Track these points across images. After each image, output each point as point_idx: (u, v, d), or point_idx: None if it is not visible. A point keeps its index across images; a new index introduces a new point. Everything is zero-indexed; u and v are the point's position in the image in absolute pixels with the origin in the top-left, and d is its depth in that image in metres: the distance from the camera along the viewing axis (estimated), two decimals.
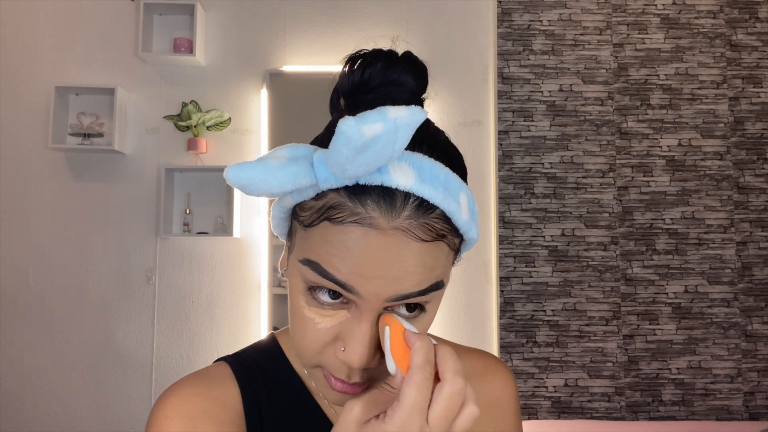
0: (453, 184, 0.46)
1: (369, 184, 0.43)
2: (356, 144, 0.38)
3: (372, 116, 0.38)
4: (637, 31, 2.75)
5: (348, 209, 0.44)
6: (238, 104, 2.68)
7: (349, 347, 0.45)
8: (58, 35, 2.69)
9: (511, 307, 2.64)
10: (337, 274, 0.44)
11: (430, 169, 0.45)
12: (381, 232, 0.43)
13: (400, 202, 0.43)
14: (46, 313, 2.59)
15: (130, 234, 2.62)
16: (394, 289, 0.44)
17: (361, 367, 0.45)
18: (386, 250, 0.43)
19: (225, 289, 2.61)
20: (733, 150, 2.71)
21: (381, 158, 0.40)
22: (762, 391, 2.61)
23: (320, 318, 0.46)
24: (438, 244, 0.46)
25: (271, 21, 2.72)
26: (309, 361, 0.48)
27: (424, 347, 0.41)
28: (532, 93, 2.73)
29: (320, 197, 0.45)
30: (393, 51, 0.53)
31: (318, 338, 0.47)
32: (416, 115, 0.39)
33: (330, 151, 0.40)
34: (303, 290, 0.47)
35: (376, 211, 0.43)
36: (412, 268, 0.44)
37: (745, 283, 2.66)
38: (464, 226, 0.47)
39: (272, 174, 0.43)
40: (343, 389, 0.47)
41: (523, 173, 2.70)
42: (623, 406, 2.61)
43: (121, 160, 2.65)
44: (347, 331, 0.46)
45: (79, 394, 2.56)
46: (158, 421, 0.51)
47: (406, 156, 0.44)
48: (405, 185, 0.43)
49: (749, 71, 2.73)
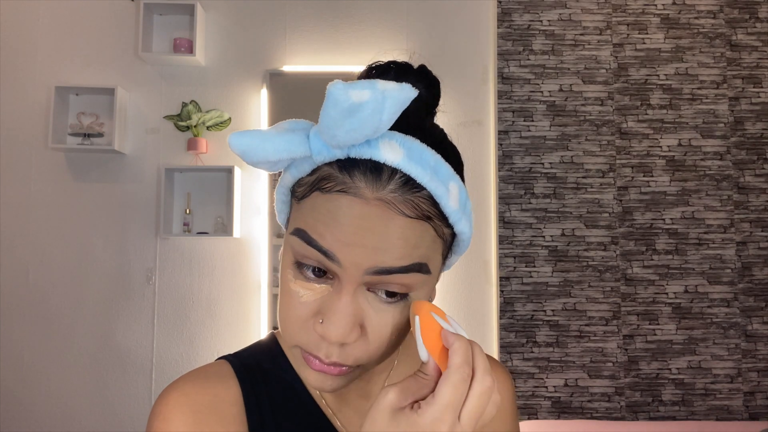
0: (443, 170, 0.47)
1: (359, 157, 0.45)
2: (343, 106, 0.40)
3: (361, 84, 0.40)
4: (637, 31, 2.75)
5: (337, 179, 0.46)
6: (238, 104, 2.68)
7: (327, 319, 0.46)
8: (58, 35, 2.69)
9: (511, 307, 2.64)
10: (320, 241, 0.45)
11: (420, 152, 0.46)
12: (365, 201, 0.45)
13: (387, 177, 0.45)
14: (46, 313, 2.59)
15: (130, 234, 2.62)
16: (375, 260, 0.45)
17: (337, 340, 0.45)
18: (369, 219, 0.45)
19: (225, 289, 2.61)
20: (733, 150, 2.71)
21: (367, 126, 0.42)
22: (762, 391, 2.61)
23: (304, 291, 0.47)
24: (422, 224, 0.46)
25: (271, 21, 2.72)
26: (290, 338, 0.49)
27: (463, 347, 0.42)
28: (532, 93, 2.73)
29: (314, 172, 0.48)
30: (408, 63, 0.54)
31: (300, 312, 0.47)
32: (405, 90, 0.41)
33: (321, 115, 0.42)
34: (291, 264, 0.48)
35: (362, 182, 0.45)
36: (393, 241, 0.45)
37: (745, 283, 2.66)
38: (453, 214, 0.48)
39: (270, 141, 0.45)
40: (321, 368, 0.47)
41: (523, 173, 2.70)
42: (623, 406, 2.61)
43: (121, 160, 2.65)
44: (327, 304, 0.46)
45: (79, 394, 2.56)
46: (161, 416, 0.51)
47: (397, 136, 0.46)
48: (392, 161, 0.45)
49: (749, 71, 2.73)
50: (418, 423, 0.40)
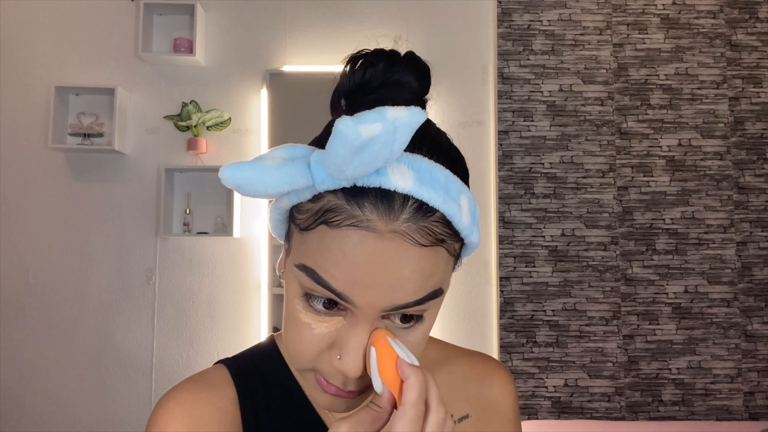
0: (454, 186, 0.45)
1: (367, 185, 0.42)
2: (353, 145, 0.37)
3: (370, 116, 0.37)
4: (637, 31, 2.75)
5: (345, 212, 0.43)
6: (238, 104, 2.68)
7: (345, 356, 0.44)
8: (58, 35, 2.69)
9: (511, 307, 2.64)
10: (332, 282, 0.43)
11: (429, 171, 0.44)
12: (378, 235, 0.42)
13: (399, 205, 0.42)
14: (46, 313, 2.59)
15: (130, 234, 2.62)
16: (390, 299, 0.43)
17: (356, 376, 0.44)
18: (383, 255, 0.42)
19: (225, 289, 2.61)
20: (733, 150, 2.71)
21: (379, 159, 0.39)
22: (762, 391, 2.61)
23: (317, 323, 0.45)
24: (437, 250, 0.44)
25: (271, 21, 2.72)
26: (303, 365, 0.48)
27: (419, 382, 0.41)
28: (532, 93, 2.73)
29: (317, 199, 0.44)
30: (395, 51, 0.52)
31: (314, 344, 0.46)
32: (416, 116, 0.38)
33: (327, 151, 0.39)
34: (299, 295, 0.46)
35: (374, 214, 0.42)
36: (409, 275, 0.43)
37: (745, 283, 2.66)
38: (465, 230, 0.46)
39: (268, 174, 0.42)
40: (337, 393, 0.47)
41: (523, 173, 2.70)
42: (623, 406, 2.61)
43: (121, 160, 2.65)
44: (343, 339, 0.45)
45: (79, 394, 2.56)
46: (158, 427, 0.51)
47: (405, 158, 0.44)
48: (403, 188, 0.42)
49: (749, 71, 2.73)
50: None
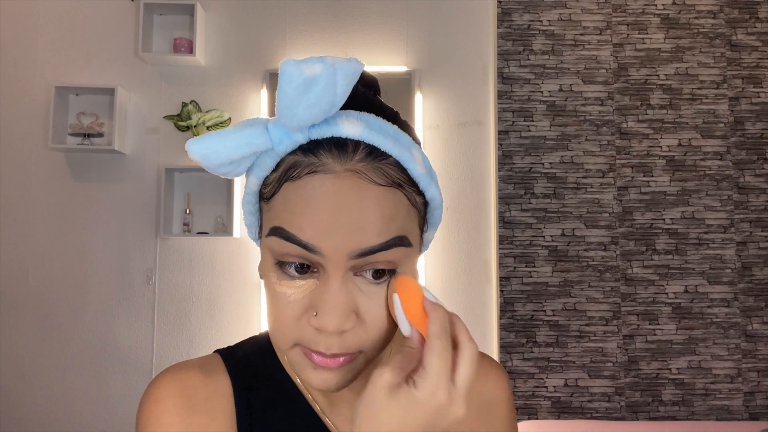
0: (403, 138, 0.48)
1: (320, 137, 0.46)
2: (297, 81, 0.41)
3: (311, 59, 0.41)
4: (637, 31, 2.75)
5: (303, 163, 0.46)
6: (238, 104, 2.68)
7: (321, 311, 0.45)
8: (58, 35, 2.69)
9: (511, 307, 2.64)
10: (299, 234, 0.45)
11: (378, 123, 0.48)
12: (336, 175, 0.45)
13: (351, 148, 0.46)
14: (46, 313, 2.59)
15: (130, 234, 2.62)
16: (355, 243, 0.45)
17: (335, 330, 0.45)
18: (343, 194, 0.45)
19: (225, 289, 2.61)
20: (733, 150, 2.71)
21: (324, 100, 0.42)
22: (762, 391, 2.61)
23: (291, 290, 0.47)
24: (395, 192, 0.47)
25: (271, 21, 2.72)
26: (286, 339, 0.48)
27: (440, 317, 0.44)
28: (532, 93, 2.73)
29: (279, 167, 0.47)
30: None
31: (291, 312, 0.47)
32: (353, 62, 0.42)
33: (277, 96, 0.43)
34: (273, 266, 0.48)
35: (329, 158, 0.45)
36: (370, 215, 0.45)
37: (745, 283, 2.66)
38: (421, 178, 0.48)
39: (228, 137, 0.45)
40: (325, 363, 0.47)
41: (523, 173, 2.70)
42: (623, 406, 2.61)
43: (121, 160, 2.65)
44: (318, 297, 0.46)
45: (79, 394, 2.56)
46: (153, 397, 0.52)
47: (353, 112, 0.47)
48: (353, 134, 0.46)
49: (749, 71, 2.73)
50: (418, 397, 0.42)
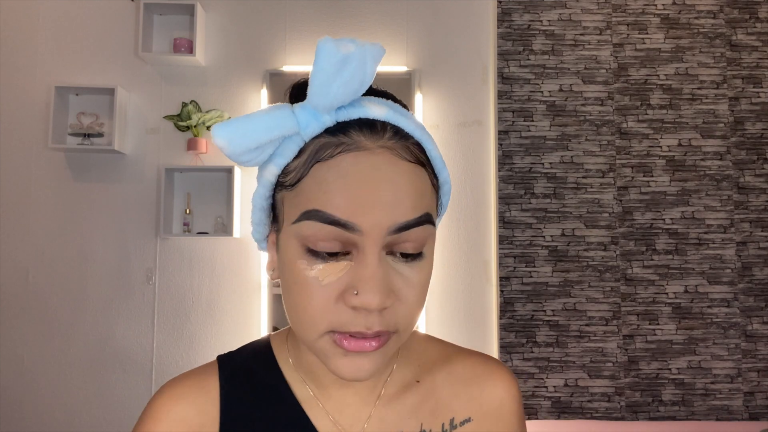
0: (420, 123, 0.51)
1: (348, 119, 0.47)
2: (335, 58, 0.42)
3: (344, 39, 0.43)
4: (637, 31, 2.75)
5: (334, 143, 0.46)
6: (238, 104, 2.68)
7: (362, 288, 0.44)
8: (58, 35, 2.69)
9: (511, 307, 2.64)
10: (337, 213, 0.44)
11: (399, 108, 0.50)
12: (370, 151, 0.46)
13: (380, 127, 0.48)
14: (46, 313, 2.59)
15: (130, 234, 2.62)
16: (393, 218, 0.45)
17: (379, 306, 0.44)
18: (379, 169, 0.46)
19: (225, 289, 2.61)
20: (733, 150, 2.71)
21: (356, 78, 0.44)
22: (762, 391, 2.61)
23: (324, 274, 0.46)
24: (421, 170, 0.48)
25: (271, 21, 2.72)
26: (316, 328, 0.47)
27: None
28: (532, 93, 2.73)
29: (303, 152, 0.48)
30: None
31: (326, 296, 0.46)
32: (377, 46, 0.44)
33: (313, 72, 0.43)
34: (302, 253, 0.47)
35: (361, 136, 0.46)
36: (405, 190, 0.46)
37: (745, 283, 2.66)
38: (438, 160, 0.51)
39: (256, 120, 0.46)
40: (360, 346, 0.46)
41: (523, 173, 2.70)
42: (623, 406, 2.61)
43: (121, 160, 2.65)
44: (356, 275, 0.45)
45: (79, 394, 2.56)
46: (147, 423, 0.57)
47: (374, 98, 0.50)
48: (380, 115, 0.48)
49: (749, 71, 2.73)
50: None
